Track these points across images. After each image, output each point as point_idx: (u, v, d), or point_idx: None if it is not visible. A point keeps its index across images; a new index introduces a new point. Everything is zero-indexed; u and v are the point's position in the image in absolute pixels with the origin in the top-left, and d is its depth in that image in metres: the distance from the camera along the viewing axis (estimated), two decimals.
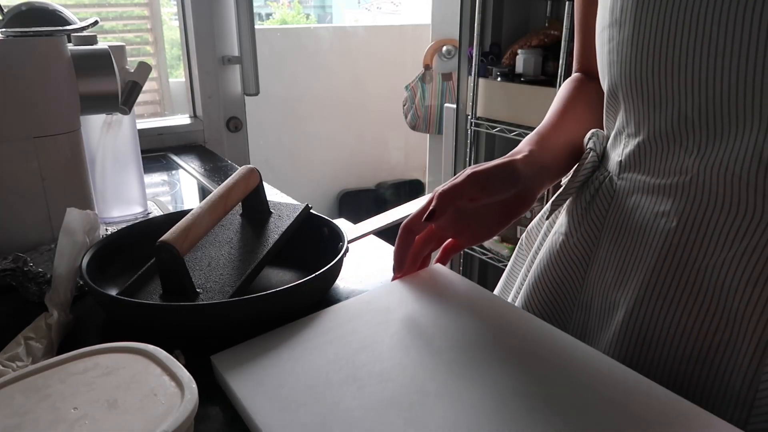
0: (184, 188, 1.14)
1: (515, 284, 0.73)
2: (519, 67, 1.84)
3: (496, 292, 0.77)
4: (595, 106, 0.66)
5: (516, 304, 0.69)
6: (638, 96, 0.53)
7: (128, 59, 0.83)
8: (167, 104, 2.52)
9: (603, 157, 0.62)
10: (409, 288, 0.59)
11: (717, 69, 0.46)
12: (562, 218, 0.65)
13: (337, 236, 0.67)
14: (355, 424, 0.41)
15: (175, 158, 1.30)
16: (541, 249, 0.67)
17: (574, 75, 0.72)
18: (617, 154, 0.58)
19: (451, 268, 2.26)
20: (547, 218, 0.67)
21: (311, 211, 0.72)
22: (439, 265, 0.63)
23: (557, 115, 0.65)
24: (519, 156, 0.57)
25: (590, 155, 0.61)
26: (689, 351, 0.50)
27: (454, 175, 2.15)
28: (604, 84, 0.58)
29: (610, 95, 0.58)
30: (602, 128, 0.64)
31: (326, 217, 0.71)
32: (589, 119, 0.67)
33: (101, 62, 0.76)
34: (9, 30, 0.71)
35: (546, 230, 0.69)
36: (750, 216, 0.47)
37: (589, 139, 0.63)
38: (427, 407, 0.42)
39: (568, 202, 0.64)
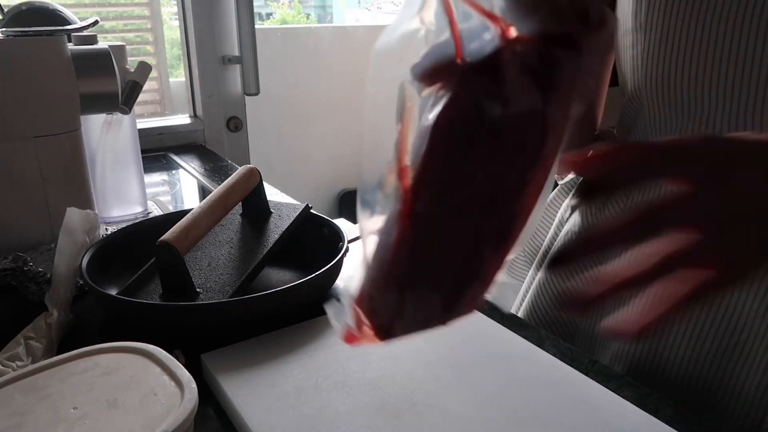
0: (184, 188, 1.14)
1: (524, 282, 0.72)
2: None
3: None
4: None
5: (522, 307, 0.69)
6: (664, 102, 0.52)
7: (128, 59, 0.83)
8: (167, 104, 2.52)
9: None
10: None
11: (751, 80, 0.45)
12: (574, 218, 0.64)
13: (337, 236, 0.67)
14: (343, 428, 0.42)
15: (175, 158, 1.30)
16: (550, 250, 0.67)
17: None
18: None
19: None
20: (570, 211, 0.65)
21: (311, 210, 0.72)
22: None
23: None
24: None
25: None
26: (704, 353, 0.50)
27: None
28: (626, 89, 0.57)
29: (632, 100, 0.56)
30: None
31: (326, 217, 0.71)
32: None
33: (101, 62, 0.76)
34: (9, 30, 0.71)
35: (554, 232, 0.69)
36: None
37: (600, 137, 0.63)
38: (414, 416, 0.43)
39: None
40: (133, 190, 0.91)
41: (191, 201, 1.06)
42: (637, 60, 0.53)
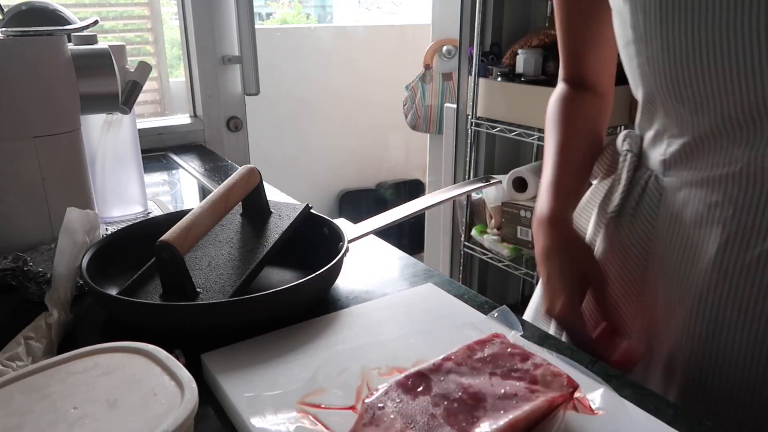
0: (184, 188, 1.14)
1: None
2: (519, 67, 1.84)
3: (529, 313, 0.75)
4: (594, 121, 0.67)
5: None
6: (678, 102, 0.54)
7: (128, 59, 0.83)
8: (167, 104, 2.52)
9: (641, 156, 0.62)
10: (402, 304, 0.59)
11: (756, 69, 0.47)
12: (602, 234, 0.65)
13: (337, 236, 0.67)
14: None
15: (175, 158, 1.30)
16: None
17: (562, 90, 0.70)
18: (659, 153, 0.58)
19: (451, 267, 2.25)
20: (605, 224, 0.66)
21: (311, 210, 0.72)
22: (430, 284, 0.63)
23: (561, 153, 0.66)
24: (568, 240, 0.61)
25: (629, 156, 0.62)
26: (762, 332, 0.51)
27: (454, 174, 2.14)
28: (638, 93, 0.59)
29: (647, 102, 0.59)
30: (602, 141, 0.65)
31: (326, 217, 0.71)
32: (594, 144, 0.67)
33: (101, 62, 0.76)
34: (9, 30, 0.71)
35: (590, 239, 0.68)
36: None
37: (624, 140, 0.63)
38: None
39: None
40: (133, 190, 0.91)
41: (191, 201, 1.06)
42: (645, 68, 0.55)
